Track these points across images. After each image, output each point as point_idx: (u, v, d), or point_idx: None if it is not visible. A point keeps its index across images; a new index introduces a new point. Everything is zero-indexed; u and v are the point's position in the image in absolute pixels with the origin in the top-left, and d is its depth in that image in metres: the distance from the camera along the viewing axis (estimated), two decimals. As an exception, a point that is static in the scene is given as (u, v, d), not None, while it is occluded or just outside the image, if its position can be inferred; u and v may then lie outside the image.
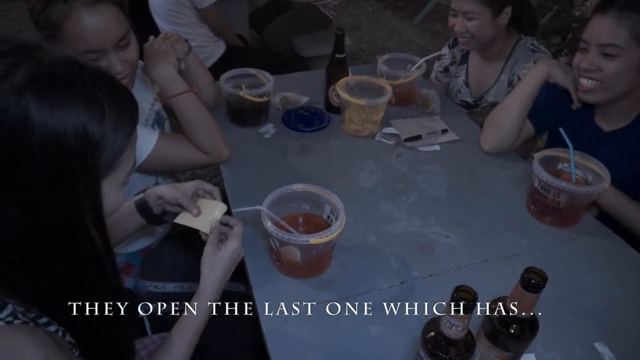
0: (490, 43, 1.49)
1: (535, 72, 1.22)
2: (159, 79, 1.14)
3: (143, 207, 0.96)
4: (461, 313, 0.60)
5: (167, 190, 0.94)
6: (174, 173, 1.38)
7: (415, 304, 0.90)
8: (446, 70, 1.73)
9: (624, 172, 1.01)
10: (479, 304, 0.61)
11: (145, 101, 1.27)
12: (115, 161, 0.58)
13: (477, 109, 1.64)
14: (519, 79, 1.46)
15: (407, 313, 0.88)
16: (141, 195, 0.96)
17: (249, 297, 1.32)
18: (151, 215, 0.98)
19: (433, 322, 0.66)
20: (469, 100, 1.66)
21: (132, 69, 1.07)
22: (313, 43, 2.89)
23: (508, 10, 1.44)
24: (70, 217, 0.56)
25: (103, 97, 0.56)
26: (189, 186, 0.95)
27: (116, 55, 1.00)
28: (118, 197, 0.63)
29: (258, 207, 0.88)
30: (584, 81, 1.08)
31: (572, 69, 1.17)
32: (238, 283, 1.30)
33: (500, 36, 1.49)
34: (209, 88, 1.38)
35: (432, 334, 0.65)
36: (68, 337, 0.62)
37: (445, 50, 1.72)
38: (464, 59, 1.66)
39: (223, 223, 0.89)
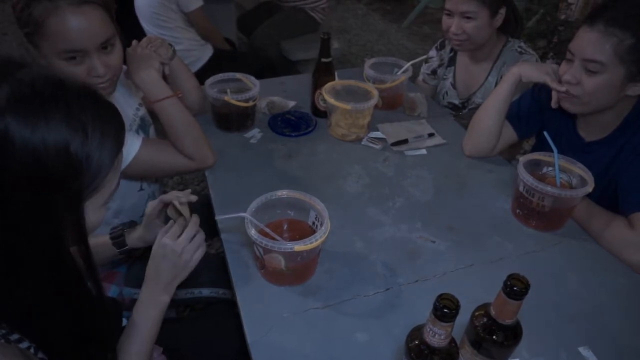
0: (481, 45, 1.50)
1: (507, 76, 1.23)
2: (142, 84, 1.13)
3: (129, 252, 1.01)
4: (443, 322, 0.59)
5: (150, 237, 0.97)
6: (159, 178, 1.36)
7: (401, 310, 0.89)
8: (434, 72, 1.74)
9: (597, 183, 1.02)
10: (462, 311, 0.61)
11: (129, 106, 1.25)
12: (99, 182, 0.57)
13: (465, 111, 1.64)
14: None
15: (392, 320, 0.87)
16: (127, 247, 0.99)
17: (235, 303, 1.31)
18: (130, 252, 1.02)
19: (417, 330, 0.66)
20: (456, 102, 1.66)
21: (115, 74, 1.05)
22: (302, 46, 2.89)
23: (502, 11, 1.45)
24: (51, 236, 0.55)
25: (87, 117, 0.55)
26: (152, 217, 0.96)
27: (99, 58, 0.99)
28: (100, 216, 0.63)
29: (242, 214, 0.87)
30: (564, 88, 1.07)
31: (544, 64, 1.18)
32: (225, 289, 1.29)
33: (490, 38, 1.49)
34: (194, 92, 1.37)
35: (416, 342, 0.64)
36: (41, 354, 0.60)
37: (432, 52, 1.73)
38: (452, 61, 1.67)
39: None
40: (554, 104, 1.12)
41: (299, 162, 1.29)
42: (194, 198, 0.90)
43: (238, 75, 1.41)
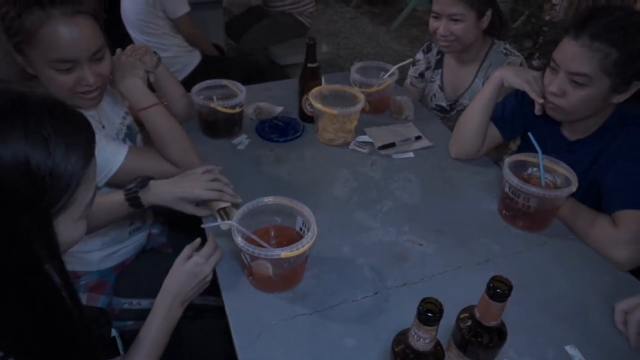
0: (468, 46, 1.51)
1: (490, 80, 1.24)
2: (127, 92, 1.13)
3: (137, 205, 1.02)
4: (427, 326, 0.59)
5: (171, 204, 1.03)
6: None
7: (389, 314, 0.89)
8: (421, 75, 1.75)
9: (580, 182, 1.03)
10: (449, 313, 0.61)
11: (116, 115, 1.25)
12: (69, 197, 0.56)
13: (453, 113, 1.65)
14: None
15: (381, 324, 0.87)
16: (144, 207, 1.02)
17: (224, 310, 1.31)
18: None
19: (402, 335, 0.66)
20: (444, 104, 1.67)
21: (104, 83, 1.06)
22: (290, 51, 2.89)
23: (489, 13, 1.46)
24: (22, 257, 0.54)
25: (49, 131, 0.53)
26: (187, 197, 1.02)
27: (90, 67, 0.99)
28: (77, 230, 0.61)
29: (228, 222, 0.87)
30: (552, 99, 1.07)
31: (526, 71, 1.19)
32: (215, 297, 1.28)
33: (477, 40, 1.51)
34: (180, 100, 1.36)
35: (401, 346, 0.65)
36: None
37: (419, 55, 1.74)
38: (439, 63, 1.68)
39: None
40: (537, 112, 1.14)
41: (287, 167, 1.29)
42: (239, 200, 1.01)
43: (224, 81, 1.41)
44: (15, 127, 0.52)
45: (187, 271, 0.85)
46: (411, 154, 1.36)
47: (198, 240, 0.91)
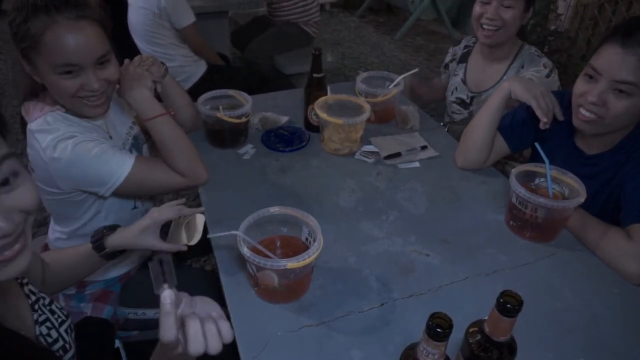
0: (504, 42, 1.52)
1: (498, 90, 1.23)
2: (135, 102, 1.13)
3: (109, 256, 0.98)
4: (437, 341, 0.59)
5: (133, 242, 0.97)
6: (153, 196, 1.36)
7: (397, 326, 0.89)
8: (446, 67, 1.80)
9: (595, 196, 1.01)
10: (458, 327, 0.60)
11: (123, 125, 1.25)
12: None
13: (473, 107, 1.64)
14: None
15: (387, 336, 0.86)
16: (106, 251, 0.96)
17: (228, 318, 1.30)
18: (117, 255, 1.00)
19: (410, 349, 0.65)
20: (465, 97, 1.67)
21: (110, 88, 1.07)
22: (295, 60, 2.91)
23: (530, 12, 1.49)
24: None
25: None
26: (152, 229, 0.97)
27: (94, 73, 1.00)
28: None
29: (234, 232, 0.87)
30: (584, 111, 1.05)
31: (534, 85, 1.18)
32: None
33: (512, 36, 1.52)
34: (186, 110, 1.37)
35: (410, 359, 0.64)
36: None
37: (462, 43, 1.77)
38: (464, 58, 1.70)
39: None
40: (542, 126, 1.13)
41: (292, 177, 1.29)
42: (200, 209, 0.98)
43: (230, 91, 1.42)
44: None
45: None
46: (417, 164, 1.35)
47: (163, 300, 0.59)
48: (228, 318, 1.11)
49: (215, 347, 0.58)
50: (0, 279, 0.57)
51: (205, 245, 1.13)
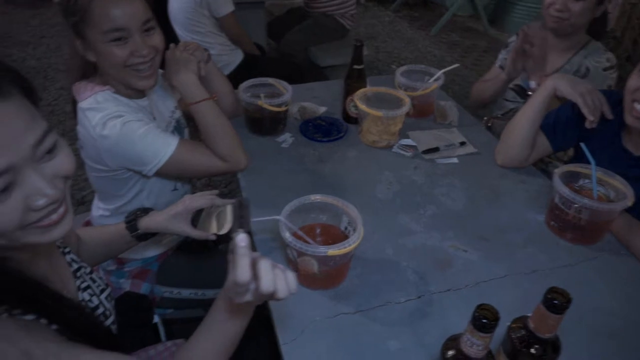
0: (572, 33, 1.48)
1: (543, 87, 1.20)
2: (181, 86, 1.16)
3: (141, 237, 1.00)
4: (482, 332, 0.59)
5: (164, 226, 0.98)
6: (192, 179, 1.39)
7: (433, 319, 0.89)
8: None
9: None
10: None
11: (166, 108, 1.28)
12: None
13: (522, 101, 1.61)
14: (588, 69, 1.46)
15: (424, 328, 0.87)
16: (139, 232, 0.98)
17: (264, 304, 1.32)
18: (149, 237, 1.01)
19: (453, 340, 0.65)
20: (523, 84, 1.64)
21: (157, 56, 1.10)
22: (330, 52, 2.91)
23: (604, 6, 1.44)
24: None
25: None
26: (183, 214, 0.98)
27: (142, 39, 1.04)
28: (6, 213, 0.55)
29: (276, 217, 0.88)
30: (639, 107, 1.03)
31: (581, 82, 1.15)
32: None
33: (582, 29, 1.49)
34: (227, 96, 1.39)
35: (452, 352, 0.64)
36: (54, 325, 0.62)
37: (513, 38, 1.72)
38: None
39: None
40: (587, 125, 1.10)
41: (329, 167, 1.29)
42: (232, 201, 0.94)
43: (270, 80, 1.43)
44: None
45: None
46: (455, 160, 1.34)
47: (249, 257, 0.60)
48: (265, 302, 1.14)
49: (283, 290, 0.60)
50: (48, 240, 0.61)
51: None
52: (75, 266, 0.81)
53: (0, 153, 0.52)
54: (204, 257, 1.32)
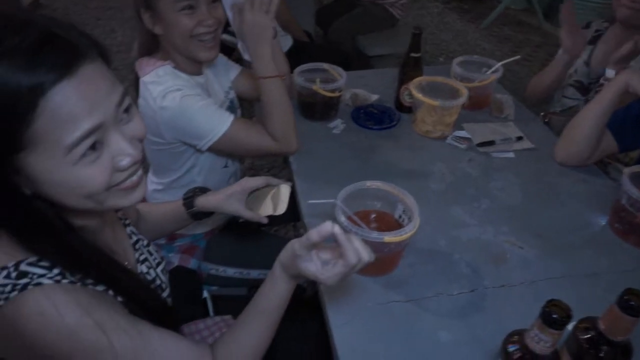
0: None
1: (612, 83, 1.14)
2: (257, 59, 1.14)
3: (197, 215, 1.01)
4: (553, 329, 0.57)
5: (219, 205, 0.99)
6: (242, 158, 1.40)
7: (487, 313, 0.87)
8: None
9: None
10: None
11: (221, 88, 1.31)
12: (18, 133, 0.50)
13: (591, 94, 1.53)
14: None
15: (478, 322, 0.85)
16: (194, 209, 0.99)
17: (304, 289, 1.34)
18: (204, 216, 1.03)
19: (517, 335, 0.64)
20: (584, 81, 1.58)
21: (220, 28, 1.13)
22: (378, 42, 2.87)
23: None
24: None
25: None
26: (238, 193, 0.98)
27: (208, 10, 1.08)
28: (80, 175, 0.55)
29: (333, 200, 0.88)
30: None
31: None
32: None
33: None
34: (285, 77, 1.39)
35: (516, 347, 0.62)
36: (120, 297, 0.64)
37: None
38: (593, 40, 1.59)
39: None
40: None
41: (381, 155, 1.28)
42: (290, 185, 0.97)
43: (325, 65, 1.43)
44: None
45: (311, 274, 0.68)
46: (511, 154, 1.30)
47: (327, 228, 0.64)
48: (305, 287, 1.15)
49: (366, 257, 0.67)
50: (129, 203, 0.63)
51: (293, 213, 1.16)
52: (135, 238, 0.83)
53: (93, 111, 0.53)
54: (250, 237, 1.34)
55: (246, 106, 1.22)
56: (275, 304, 0.73)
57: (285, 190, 1.03)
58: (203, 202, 0.99)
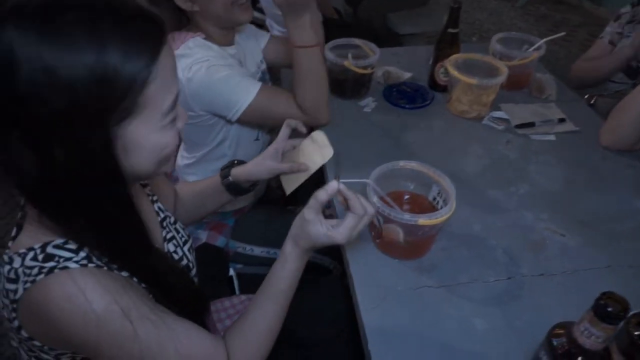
0: None
1: None
2: (295, 28, 1.09)
3: (231, 187, 0.98)
4: (606, 323, 0.52)
5: (254, 170, 0.96)
6: (272, 130, 1.36)
7: (525, 303, 0.82)
8: (620, 33, 1.57)
9: None
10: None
11: (253, 60, 1.28)
12: (133, 101, 0.51)
13: (632, 82, 1.44)
14: None
15: (515, 311, 0.81)
16: (229, 179, 0.97)
17: (330, 271, 1.31)
18: (240, 190, 0.99)
19: (563, 327, 0.59)
20: (634, 64, 1.49)
21: None
22: (410, 20, 2.77)
23: None
24: (88, 162, 0.52)
25: (104, 24, 0.49)
26: (271, 152, 0.95)
27: None
28: (163, 139, 0.57)
29: (365, 180, 0.84)
30: None
31: None
32: (322, 255, 1.29)
33: None
34: (322, 47, 1.34)
35: (562, 340, 0.58)
36: (143, 284, 0.63)
37: (626, 9, 1.56)
38: None
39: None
40: None
41: (414, 135, 1.23)
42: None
43: (357, 41, 1.37)
44: (69, 18, 0.48)
45: (322, 240, 0.70)
46: (552, 137, 1.23)
47: (334, 186, 0.70)
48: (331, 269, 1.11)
49: (371, 209, 0.72)
50: (165, 170, 0.65)
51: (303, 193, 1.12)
52: (162, 215, 0.81)
53: (176, 76, 0.58)
54: (278, 217, 1.32)
55: (272, 77, 1.18)
56: (287, 284, 0.73)
57: (320, 136, 0.97)
58: (239, 171, 0.97)
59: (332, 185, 0.69)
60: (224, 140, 1.22)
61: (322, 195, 0.69)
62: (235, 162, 1.00)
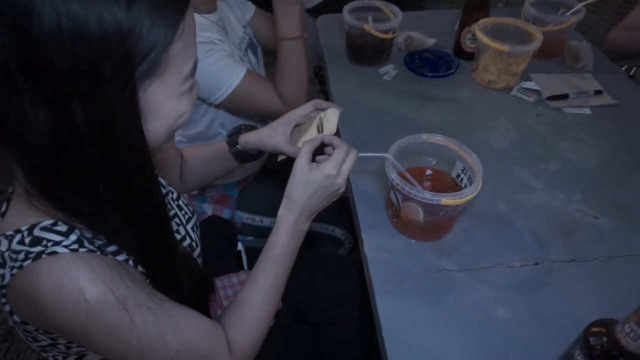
0: None
1: None
2: (282, 17, 1.04)
3: (239, 154, 0.92)
4: (658, 325, 0.46)
5: (264, 140, 0.88)
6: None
7: (553, 291, 0.76)
8: None
9: None
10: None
11: (239, 22, 1.21)
12: (157, 59, 0.48)
13: None
14: None
15: (542, 300, 0.75)
16: (237, 147, 0.91)
17: (343, 243, 1.26)
18: (248, 157, 0.94)
19: (603, 326, 0.53)
20: None
21: None
22: (433, -18, 2.61)
23: None
24: (105, 122, 0.47)
25: None
26: (284, 122, 0.88)
27: None
28: (180, 106, 0.55)
29: (384, 154, 0.77)
30: None
31: None
32: (334, 226, 1.24)
33: None
34: (306, 36, 1.27)
35: (602, 339, 0.52)
36: (140, 268, 0.58)
37: None
38: None
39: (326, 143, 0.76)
40: None
41: (436, 106, 1.15)
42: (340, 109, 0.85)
43: (378, 3, 1.27)
44: None
45: (315, 182, 0.69)
46: (587, 110, 1.14)
47: (320, 137, 0.75)
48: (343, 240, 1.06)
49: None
50: (170, 144, 0.65)
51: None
52: (163, 191, 0.76)
53: (195, 49, 0.55)
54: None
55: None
56: (279, 251, 0.70)
57: (333, 113, 0.91)
58: (246, 138, 0.90)
59: (317, 137, 0.75)
60: (214, 119, 1.16)
61: (308, 145, 0.72)
62: (243, 127, 0.93)
